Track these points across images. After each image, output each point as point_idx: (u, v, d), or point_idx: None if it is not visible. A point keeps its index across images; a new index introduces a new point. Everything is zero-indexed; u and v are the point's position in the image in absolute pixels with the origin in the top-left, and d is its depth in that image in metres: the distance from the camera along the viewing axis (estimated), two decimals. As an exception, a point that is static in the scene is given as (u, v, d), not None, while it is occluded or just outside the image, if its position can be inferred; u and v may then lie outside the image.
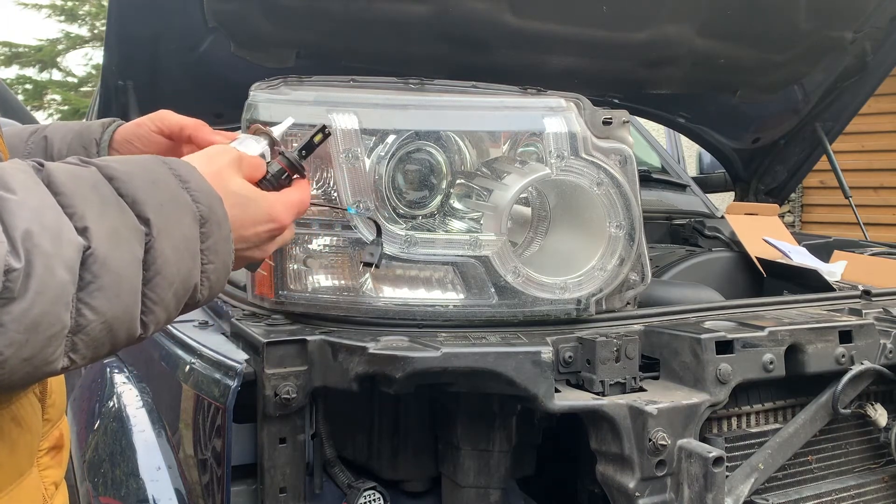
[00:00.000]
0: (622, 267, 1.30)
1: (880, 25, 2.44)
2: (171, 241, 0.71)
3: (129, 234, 0.68)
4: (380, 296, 1.24)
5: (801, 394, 1.34)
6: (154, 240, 0.70)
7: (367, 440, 1.34)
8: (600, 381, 1.16)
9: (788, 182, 3.01)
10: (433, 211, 1.29)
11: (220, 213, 0.78)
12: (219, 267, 0.78)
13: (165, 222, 0.71)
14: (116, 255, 0.66)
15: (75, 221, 0.64)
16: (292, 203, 0.93)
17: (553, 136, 1.26)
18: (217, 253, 0.77)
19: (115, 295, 0.66)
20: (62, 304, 0.62)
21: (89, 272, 0.64)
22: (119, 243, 0.66)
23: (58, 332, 0.62)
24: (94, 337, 0.65)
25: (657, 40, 2.23)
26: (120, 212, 0.68)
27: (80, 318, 0.63)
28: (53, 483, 0.84)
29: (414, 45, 2.14)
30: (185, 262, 0.73)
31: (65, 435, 0.88)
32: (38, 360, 0.61)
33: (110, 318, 0.66)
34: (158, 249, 0.70)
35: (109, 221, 0.66)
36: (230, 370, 1.15)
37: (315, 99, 1.23)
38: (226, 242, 0.79)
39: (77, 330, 0.64)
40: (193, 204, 0.75)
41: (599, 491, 1.22)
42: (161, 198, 0.72)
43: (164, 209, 0.71)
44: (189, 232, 0.74)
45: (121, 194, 0.69)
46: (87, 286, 0.64)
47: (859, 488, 1.38)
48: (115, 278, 0.66)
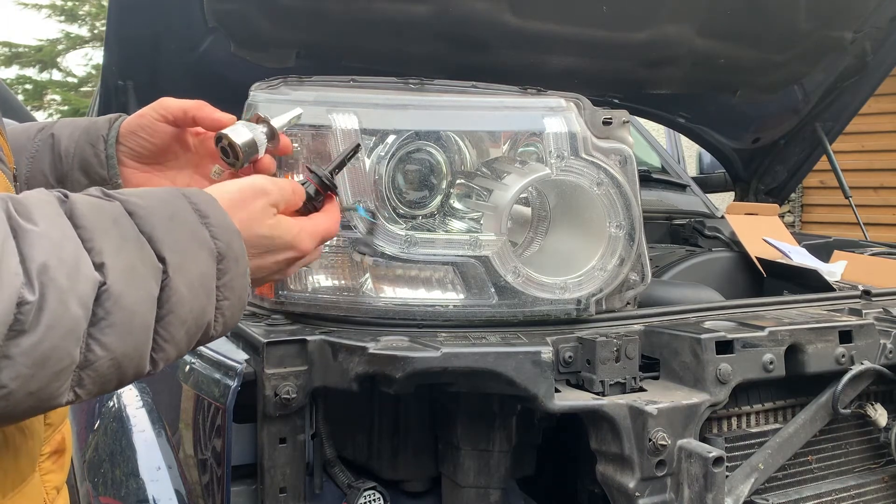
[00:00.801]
0: (622, 267, 1.30)
1: (880, 25, 2.44)
2: (186, 279, 0.70)
3: (146, 272, 0.67)
4: (380, 296, 1.24)
5: (801, 394, 1.34)
6: (170, 278, 0.69)
7: (367, 440, 1.34)
8: (600, 381, 1.16)
9: (788, 182, 3.01)
10: (433, 211, 1.29)
11: (238, 248, 0.77)
12: (234, 303, 0.77)
13: (182, 260, 0.70)
14: (131, 292, 0.65)
15: (93, 256, 0.64)
16: (318, 232, 0.92)
17: (553, 136, 1.26)
18: (233, 289, 0.77)
19: (127, 332, 0.65)
20: (73, 340, 0.61)
21: (102, 308, 0.63)
22: (134, 280, 0.66)
23: (66, 367, 0.61)
24: (102, 373, 0.65)
25: (657, 40, 2.23)
26: (139, 248, 0.68)
27: (90, 353, 0.63)
28: (55, 487, 0.84)
29: (414, 45, 2.14)
30: (200, 299, 0.73)
31: (66, 439, 0.88)
32: (44, 393, 0.61)
33: (119, 356, 0.65)
34: (173, 287, 0.69)
35: (126, 258, 0.66)
36: (230, 370, 1.15)
37: (315, 99, 1.23)
38: (242, 278, 0.78)
39: (85, 365, 0.63)
40: (212, 240, 0.74)
41: (599, 491, 1.22)
42: (178, 235, 0.71)
43: (180, 246, 0.71)
44: (206, 269, 0.73)
45: (140, 230, 0.69)
46: (99, 322, 0.63)
47: (859, 488, 1.38)
48: (128, 316, 0.65)
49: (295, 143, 1.22)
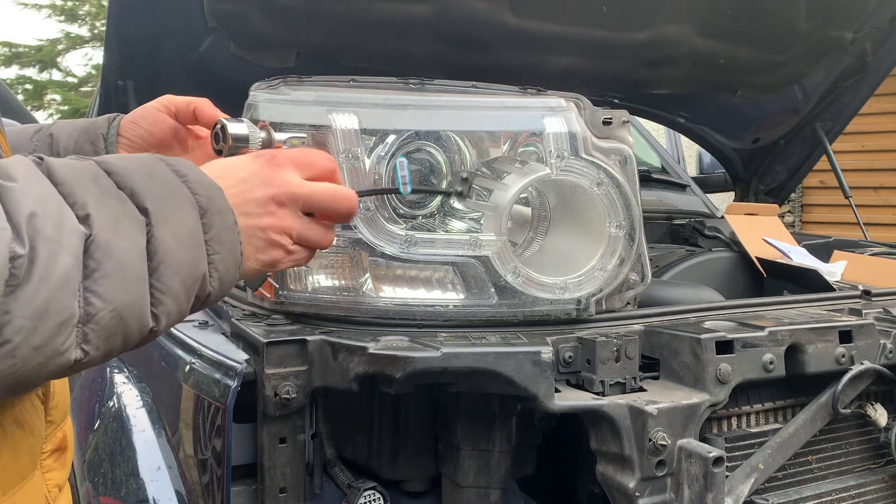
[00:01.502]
0: (622, 267, 1.30)
1: (880, 25, 2.44)
2: (171, 230, 0.71)
3: (130, 223, 0.68)
4: (380, 296, 1.24)
5: (801, 394, 1.34)
6: (154, 228, 0.69)
7: (367, 440, 1.34)
8: (600, 381, 1.16)
9: (788, 182, 3.01)
10: (433, 211, 1.29)
11: (221, 202, 0.77)
12: (226, 257, 0.77)
13: (164, 211, 0.71)
14: (119, 242, 0.66)
15: (76, 210, 0.64)
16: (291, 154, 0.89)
17: (553, 136, 1.26)
18: (222, 242, 0.76)
19: (122, 282, 0.66)
20: (68, 292, 0.62)
21: (93, 259, 0.64)
22: (120, 231, 0.66)
23: (66, 321, 0.62)
24: (105, 326, 0.65)
25: (657, 40, 2.23)
26: (120, 202, 0.68)
27: (89, 306, 0.63)
28: (57, 485, 0.84)
29: (414, 45, 2.14)
30: (190, 251, 0.73)
31: (68, 437, 0.88)
32: (50, 349, 0.61)
33: (119, 307, 0.66)
34: (160, 238, 0.70)
35: (109, 210, 0.66)
36: (230, 370, 1.15)
37: (315, 99, 1.23)
38: (230, 232, 0.78)
39: (87, 319, 0.64)
40: (192, 195, 0.75)
41: (599, 491, 1.22)
42: (158, 190, 0.72)
43: (161, 199, 0.71)
44: (190, 222, 0.73)
45: (119, 187, 0.69)
46: (92, 274, 0.64)
47: (859, 488, 1.38)
48: (119, 266, 0.66)
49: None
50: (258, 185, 0.84)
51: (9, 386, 0.61)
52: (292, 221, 0.87)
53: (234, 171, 0.84)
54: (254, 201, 0.83)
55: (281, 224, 0.86)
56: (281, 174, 0.86)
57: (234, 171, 0.84)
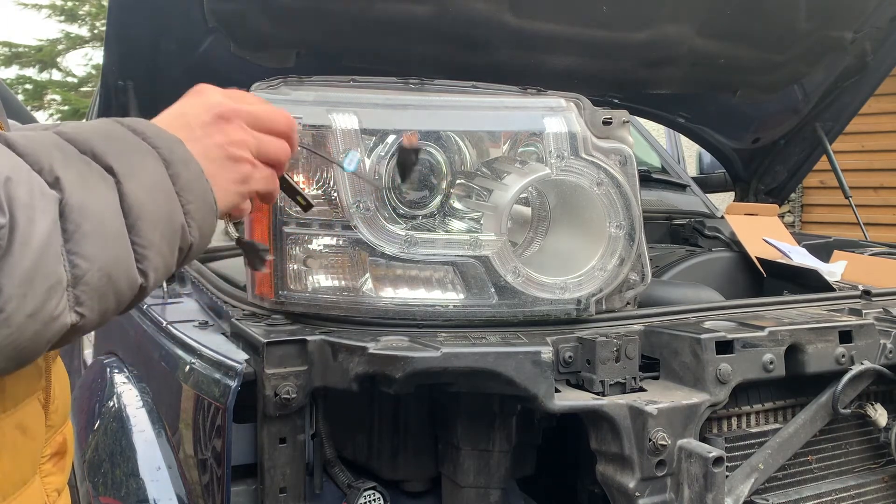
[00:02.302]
0: (622, 267, 1.30)
1: (880, 25, 2.44)
2: (141, 185, 0.71)
3: (99, 183, 0.68)
4: (380, 296, 1.24)
5: (801, 394, 1.34)
6: (122, 185, 0.69)
7: (367, 440, 1.34)
8: (600, 381, 1.16)
9: (788, 182, 3.01)
10: (433, 211, 1.29)
11: (183, 152, 0.77)
12: (200, 206, 0.77)
13: (129, 167, 0.71)
14: (92, 200, 0.66)
15: (45, 176, 0.64)
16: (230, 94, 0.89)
17: (553, 136, 1.26)
18: (193, 191, 0.77)
19: (103, 241, 0.66)
20: (52, 256, 0.62)
21: (70, 222, 0.64)
22: (91, 190, 0.67)
23: (55, 285, 0.62)
24: (95, 287, 0.65)
25: (657, 40, 2.23)
26: (85, 164, 0.68)
27: (75, 269, 0.64)
28: (56, 490, 0.83)
29: (414, 45, 2.14)
30: (162, 203, 0.73)
31: (68, 440, 0.87)
32: (44, 315, 0.61)
33: (104, 265, 0.66)
34: (131, 194, 0.70)
35: (77, 172, 0.67)
36: (230, 370, 1.15)
37: (315, 99, 1.23)
38: (199, 180, 0.78)
39: (75, 282, 0.64)
40: (153, 149, 0.75)
41: (599, 491, 1.22)
42: (120, 148, 0.72)
43: (124, 157, 0.71)
44: (157, 175, 0.74)
45: (81, 151, 0.70)
46: (73, 236, 0.64)
47: (859, 488, 1.38)
48: (97, 224, 0.66)
49: None
50: (201, 112, 0.84)
51: (10, 356, 0.61)
52: (244, 134, 0.87)
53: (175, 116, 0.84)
54: (199, 125, 0.83)
55: (235, 137, 0.85)
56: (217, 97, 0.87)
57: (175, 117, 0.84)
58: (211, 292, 1.53)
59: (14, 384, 0.72)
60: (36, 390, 0.78)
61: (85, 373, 1.83)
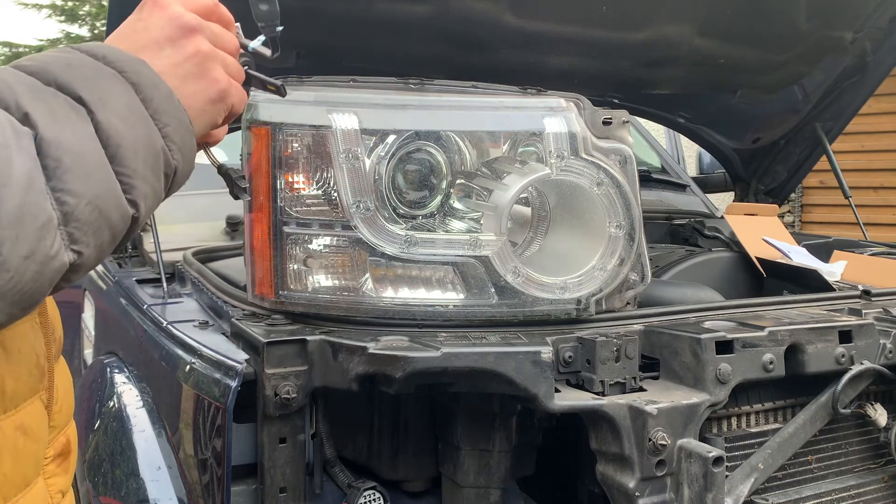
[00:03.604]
0: (622, 267, 1.30)
1: (880, 25, 2.44)
2: (114, 112, 0.69)
3: (71, 114, 0.66)
4: (380, 296, 1.24)
5: (801, 394, 1.34)
6: (96, 114, 0.67)
7: (367, 440, 1.34)
8: (600, 381, 1.16)
9: (788, 182, 3.01)
10: (433, 211, 1.29)
11: (150, 73, 0.74)
12: (178, 128, 0.75)
13: (99, 95, 0.68)
14: (68, 134, 0.64)
15: (13, 112, 0.62)
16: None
17: (553, 136, 1.26)
18: (167, 113, 0.74)
19: (86, 173, 0.64)
20: (37, 193, 0.60)
21: (50, 158, 0.62)
22: (64, 123, 0.64)
23: (46, 223, 0.61)
24: (86, 221, 0.64)
25: (657, 40, 2.23)
26: (53, 96, 0.66)
27: (63, 206, 0.62)
28: (60, 491, 0.82)
29: (414, 45, 2.14)
30: (139, 128, 0.71)
31: (71, 441, 0.86)
32: (40, 255, 0.60)
33: (92, 198, 0.64)
34: (106, 122, 0.68)
35: (46, 106, 0.64)
36: (230, 370, 1.15)
37: (315, 99, 1.23)
38: (170, 101, 0.75)
39: (66, 220, 0.62)
40: (118, 73, 0.72)
41: (599, 491, 1.22)
42: (84, 75, 0.69)
43: (91, 84, 0.69)
44: (128, 100, 0.71)
45: (44, 83, 0.67)
46: (55, 172, 0.62)
47: (859, 488, 1.38)
48: (78, 158, 0.64)
49: (295, 143, 1.22)
50: (164, 25, 0.80)
51: (15, 300, 0.60)
52: (208, 46, 0.83)
53: (134, 33, 0.80)
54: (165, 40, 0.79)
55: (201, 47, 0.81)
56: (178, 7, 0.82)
57: (135, 34, 0.80)
58: (211, 292, 1.53)
59: (15, 385, 0.72)
60: (38, 391, 0.77)
61: (85, 373, 1.83)
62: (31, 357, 0.75)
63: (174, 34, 0.80)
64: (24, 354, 0.73)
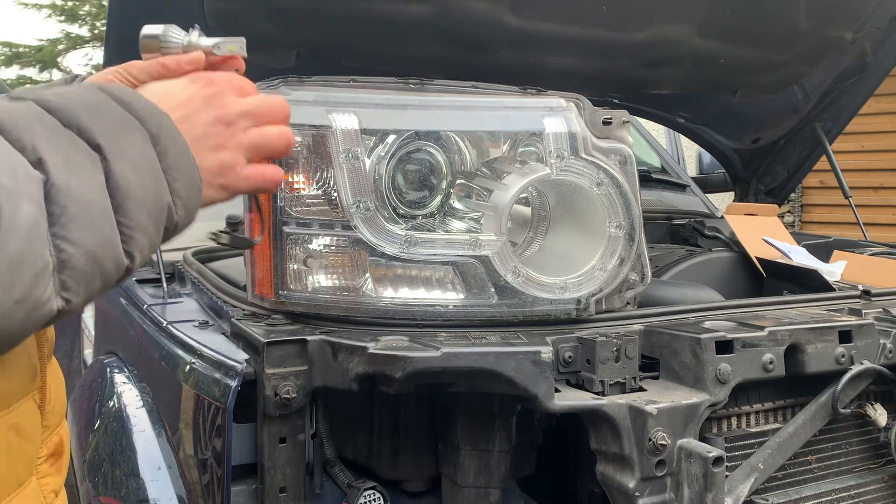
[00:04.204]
0: (622, 267, 1.30)
1: (880, 25, 2.44)
2: (128, 163, 0.69)
3: (85, 161, 0.66)
4: (380, 296, 1.24)
5: (801, 394, 1.34)
6: (110, 163, 0.67)
7: (367, 440, 1.34)
8: (600, 380, 1.16)
9: (788, 182, 3.01)
10: (433, 211, 1.29)
11: (170, 126, 0.75)
12: (186, 184, 0.75)
13: (117, 145, 0.68)
14: (78, 182, 0.64)
15: (27, 155, 0.62)
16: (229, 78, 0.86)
17: (553, 136, 1.26)
18: (180, 168, 0.74)
19: (89, 223, 0.64)
20: (38, 240, 0.60)
21: (56, 204, 0.62)
22: (76, 171, 0.64)
23: (41, 271, 0.60)
24: (81, 271, 0.64)
25: (657, 40, 2.23)
26: (69, 140, 0.66)
27: (61, 253, 0.62)
28: (53, 491, 0.82)
29: (414, 45, 2.14)
30: (149, 181, 0.71)
31: (64, 441, 0.86)
32: (31, 301, 0.60)
33: (91, 248, 0.64)
34: (118, 173, 0.67)
35: (61, 151, 0.64)
36: (230, 370, 1.15)
37: (315, 99, 1.23)
38: (185, 157, 0.75)
39: (61, 267, 0.62)
40: (140, 123, 0.72)
41: (599, 491, 1.22)
42: (106, 121, 0.69)
43: (111, 132, 0.69)
44: (144, 152, 0.71)
45: (65, 125, 0.67)
46: (59, 219, 0.62)
47: (859, 488, 1.38)
48: (83, 207, 0.64)
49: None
50: (200, 107, 0.81)
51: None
52: (242, 137, 0.84)
53: (172, 94, 0.81)
54: (200, 123, 0.80)
55: (231, 141, 0.82)
56: (221, 96, 0.83)
57: (173, 95, 0.80)
58: (211, 292, 1.53)
59: (8, 385, 0.72)
60: (31, 391, 0.77)
61: (85, 373, 1.83)
62: (23, 357, 0.75)
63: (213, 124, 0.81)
64: (16, 354, 0.73)
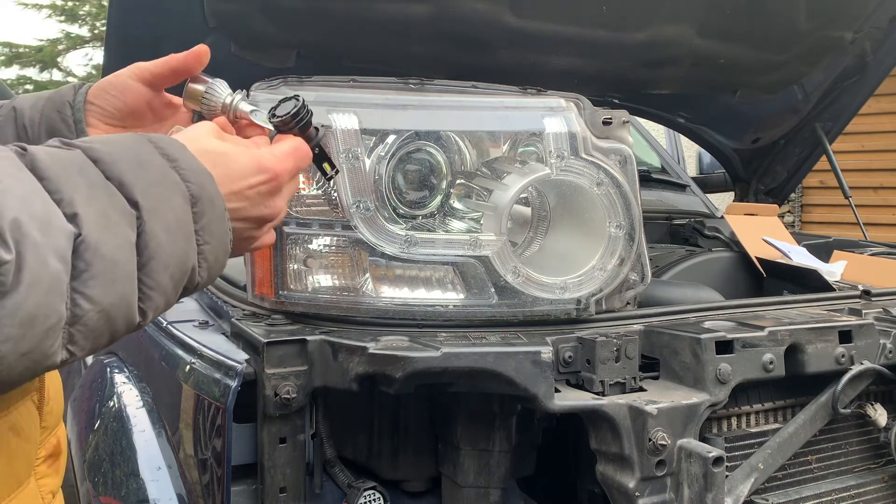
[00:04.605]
0: (622, 267, 1.30)
1: (880, 25, 2.44)
2: (162, 223, 0.69)
3: (120, 218, 0.65)
4: (380, 296, 1.24)
5: (801, 394, 1.34)
6: (145, 223, 0.67)
7: (367, 440, 1.34)
8: (600, 381, 1.16)
9: (788, 182, 3.01)
10: (433, 211, 1.29)
11: (212, 190, 0.75)
12: (216, 247, 0.75)
13: (155, 204, 0.68)
14: (108, 240, 0.63)
15: (63, 208, 0.62)
16: (284, 152, 0.88)
17: (553, 136, 1.26)
18: (212, 233, 0.75)
19: (111, 282, 0.63)
20: (57, 295, 0.59)
21: (82, 260, 0.61)
22: (110, 228, 0.64)
23: (54, 325, 0.60)
24: (92, 327, 0.63)
25: (657, 40, 2.23)
26: (109, 195, 0.66)
27: (76, 308, 0.61)
28: (51, 492, 0.82)
29: (414, 45, 2.14)
30: (180, 244, 0.71)
31: (62, 442, 0.86)
32: (37, 354, 0.59)
33: (107, 307, 0.63)
34: (150, 233, 0.67)
35: (98, 206, 0.64)
36: (230, 370, 1.15)
37: (315, 99, 1.22)
38: (220, 221, 0.76)
39: (74, 321, 0.61)
40: (183, 183, 0.72)
41: (599, 491, 1.22)
42: (149, 179, 0.69)
43: (152, 190, 0.69)
44: (181, 213, 0.71)
45: (107, 177, 0.67)
46: (81, 275, 0.61)
47: (859, 488, 1.38)
48: (109, 265, 0.63)
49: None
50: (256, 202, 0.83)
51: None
52: (281, 203, 0.87)
53: (227, 161, 0.81)
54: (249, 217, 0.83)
55: (272, 211, 0.85)
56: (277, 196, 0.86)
57: (236, 178, 0.81)
58: (211, 292, 1.53)
59: None
60: (29, 391, 0.77)
61: (85, 373, 1.83)
62: None
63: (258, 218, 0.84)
64: None
